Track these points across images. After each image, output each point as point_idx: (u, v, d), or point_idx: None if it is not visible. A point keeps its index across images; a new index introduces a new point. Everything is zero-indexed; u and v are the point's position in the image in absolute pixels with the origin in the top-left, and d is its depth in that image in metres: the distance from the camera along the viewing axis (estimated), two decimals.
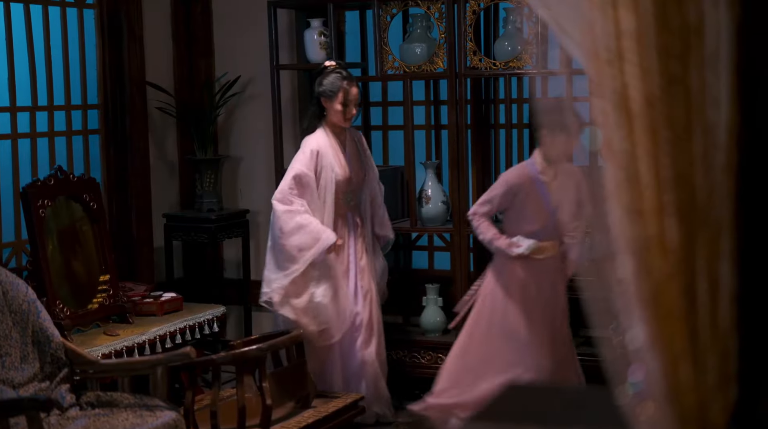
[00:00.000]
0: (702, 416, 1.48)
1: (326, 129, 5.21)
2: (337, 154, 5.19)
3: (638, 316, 1.48)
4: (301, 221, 5.00)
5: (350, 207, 5.27)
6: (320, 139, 5.16)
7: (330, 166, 5.13)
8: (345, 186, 5.19)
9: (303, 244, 5.01)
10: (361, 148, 5.35)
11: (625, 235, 1.44)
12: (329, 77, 5.12)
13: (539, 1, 1.53)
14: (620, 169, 1.41)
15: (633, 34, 1.38)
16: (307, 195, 5.08)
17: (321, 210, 5.12)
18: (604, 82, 1.38)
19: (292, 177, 5.07)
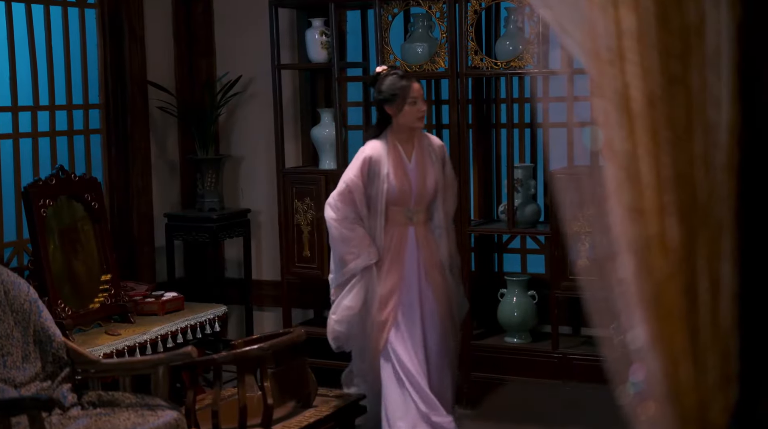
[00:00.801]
0: (702, 416, 1.48)
1: (390, 137, 4.75)
2: (397, 162, 4.74)
3: (639, 316, 1.48)
4: (346, 233, 4.71)
5: (414, 222, 4.76)
6: (377, 145, 4.75)
7: (383, 175, 4.70)
8: (403, 198, 4.73)
9: (345, 257, 4.74)
10: (435, 159, 4.81)
11: (626, 234, 1.44)
12: (386, 81, 4.72)
13: (541, 2, 1.53)
14: (621, 168, 1.41)
15: (634, 34, 1.38)
16: (356, 203, 4.72)
17: (373, 220, 4.76)
18: (606, 82, 1.38)
19: (342, 183, 4.75)
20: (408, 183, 4.73)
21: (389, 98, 4.70)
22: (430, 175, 4.76)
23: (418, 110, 4.69)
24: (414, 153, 4.78)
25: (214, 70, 6.35)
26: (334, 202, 4.73)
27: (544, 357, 5.33)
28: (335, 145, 5.81)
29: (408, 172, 4.75)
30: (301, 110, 6.22)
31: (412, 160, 4.77)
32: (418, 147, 4.79)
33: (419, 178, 4.75)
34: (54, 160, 5.43)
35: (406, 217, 4.76)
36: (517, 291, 5.46)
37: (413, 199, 4.75)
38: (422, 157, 4.78)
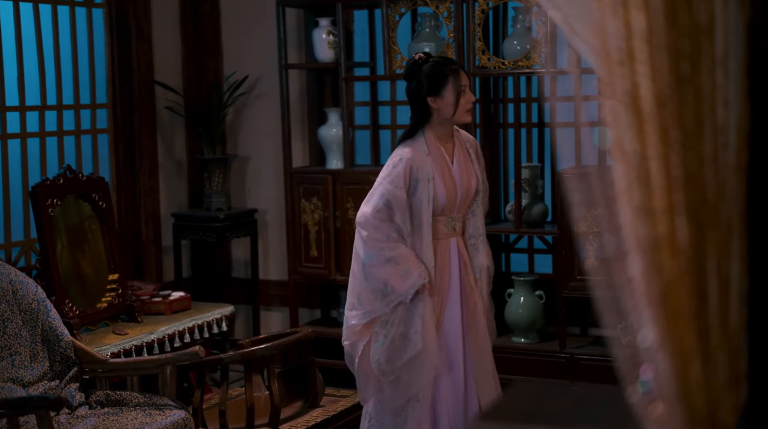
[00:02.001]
0: (712, 416, 1.48)
1: (429, 136, 4.14)
2: (441, 164, 4.13)
3: (648, 316, 1.48)
4: (390, 254, 4.05)
5: (454, 232, 4.19)
6: (416, 147, 4.10)
7: (427, 179, 4.08)
8: (449, 206, 4.14)
9: (391, 281, 4.06)
10: (473, 157, 4.27)
11: (635, 234, 1.44)
12: (427, 69, 4.10)
13: (549, 2, 1.53)
14: (631, 168, 1.41)
15: (643, 34, 1.38)
16: (398, 219, 4.07)
17: (418, 236, 4.10)
18: (615, 82, 1.38)
19: (378, 197, 4.08)
20: (454, 188, 4.14)
21: (433, 88, 4.06)
22: (473, 175, 4.22)
23: (467, 101, 4.08)
24: (455, 152, 4.19)
25: (221, 69, 6.36)
26: (370, 221, 4.05)
27: (552, 357, 5.33)
28: (342, 145, 5.81)
29: (453, 175, 4.16)
30: (308, 110, 6.22)
31: (455, 160, 4.18)
32: (458, 145, 4.22)
33: (464, 180, 4.17)
34: (61, 159, 5.44)
35: (449, 227, 4.18)
36: (524, 291, 5.46)
37: (457, 206, 4.18)
38: (464, 156, 4.22)
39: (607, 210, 1.45)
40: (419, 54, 4.18)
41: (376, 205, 4.04)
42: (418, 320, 4.04)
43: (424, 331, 4.04)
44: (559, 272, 5.32)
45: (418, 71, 4.10)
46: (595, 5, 1.38)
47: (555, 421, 1.98)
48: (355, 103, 6.16)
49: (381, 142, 6.21)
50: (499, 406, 2.10)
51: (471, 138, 4.35)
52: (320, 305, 6.26)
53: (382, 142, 6.22)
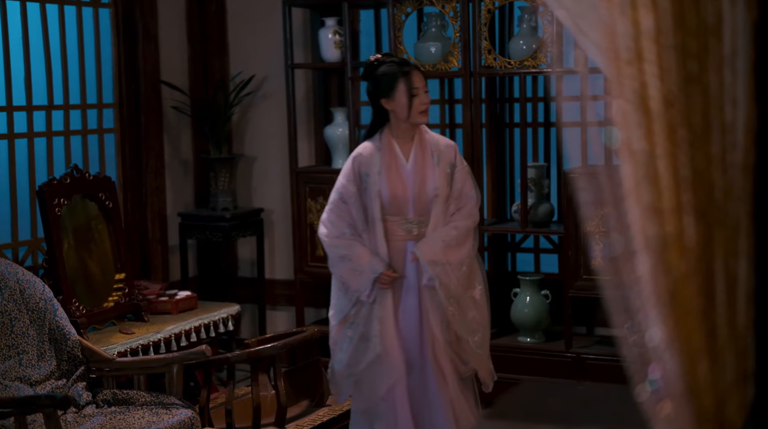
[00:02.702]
0: (719, 414, 1.48)
1: (385, 135, 4.12)
2: (391, 162, 4.08)
3: (656, 315, 1.48)
4: (344, 252, 4.09)
5: (411, 235, 4.10)
6: (368, 144, 4.14)
7: (374, 177, 4.07)
8: (398, 206, 4.08)
9: (346, 277, 4.10)
10: (439, 161, 4.12)
11: (643, 233, 1.44)
12: (382, 70, 4.08)
13: (556, 2, 1.53)
14: (639, 168, 1.42)
15: (652, 34, 1.38)
16: (352, 215, 4.10)
17: (372, 233, 4.10)
18: (624, 82, 1.39)
19: (333, 193, 4.17)
20: (403, 187, 4.07)
21: (387, 90, 4.04)
22: (431, 179, 4.08)
23: (421, 102, 4.03)
24: (413, 153, 4.11)
25: (228, 69, 6.37)
26: (327, 218, 4.15)
27: (558, 357, 5.33)
28: (348, 145, 5.81)
29: (404, 174, 4.09)
30: (314, 109, 6.23)
31: (410, 160, 4.10)
32: (418, 146, 4.12)
33: (417, 182, 4.08)
34: (68, 159, 5.45)
35: (404, 230, 4.11)
36: (530, 291, 5.46)
37: (411, 208, 4.08)
38: (423, 158, 4.10)
39: (616, 209, 1.46)
40: (376, 56, 4.18)
41: (332, 200, 4.15)
42: (375, 322, 4.04)
43: (382, 333, 4.03)
44: (565, 272, 5.32)
45: (373, 73, 4.11)
46: (604, 5, 1.38)
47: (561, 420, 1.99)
48: (361, 103, 6.16)
49: None
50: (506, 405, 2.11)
51: (447, 143, 4.21)
52: (326, 305, 6.23)
53: None
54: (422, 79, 4.07)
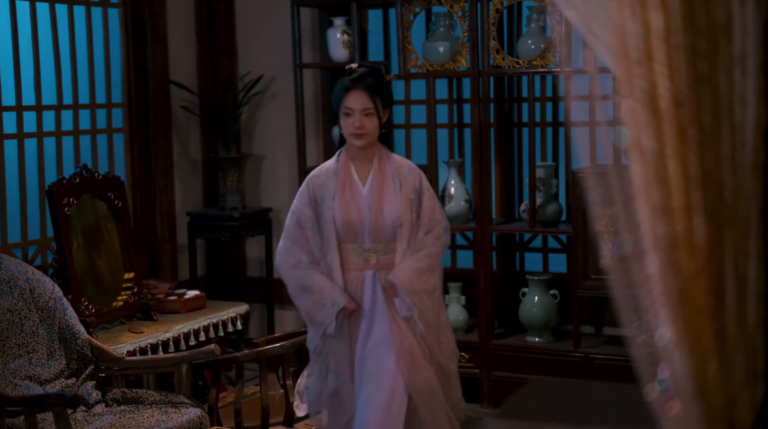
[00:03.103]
0: (729, 413, 1.48)
1: (344, 155, 3.88)
2: (345, 185, 3.81)
3: (665, 314, 1.48)
4: (305, 281, 3.82)
5: (369, 265, 3.82)
6: (326, 164, 3.91)
7: (329, 202, 3.81)
8: (352, 233, 3.80)
9: (310, 310, 3.84)
10: (401, 187, 3.82)
11: (652, 233, 1.45)
12: (336, 83, 3.90)
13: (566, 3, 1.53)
14: (648, 167, 1.42)
15: (661, 34, 1.39)
16: (309, 241, 3.84)
17: (328, 260, 3.83)
18: (634, 82, 1.39)
19: (289, 216, 3.91)
20: (358, 214, 3.78)
21: (335, 103, 3.86)
22: (391, 206, 3.79)
23: (350, 124, 3.76)
24: (371, 177, 3.83)
25: (236, 69, 6.38)
26: (283, 245, 3.88)
27: (566, 356, 5.33)
28: None
29: (360, 200, 3.80)
30: (323, 109, 6.24)
31: (367, 185, 3.82)
32: (378, 170, 3.83)
33: (374, 208, 3.79)
34: (77, 158, 5.46)
35: (361, 259, 3.82)
36: (538, 290, 5.46)
37: (367, 235, 3.80)
38: (381, 183, 3.82)
39: (625, 209, 1.46)
40: (353, 65, 3.91)
41: (288, 225, 3.88)
42: (332, 356, 3.83)
43: (338, 368, 3.82)
44: (574, 271, 5.31)
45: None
46: (614, 6, 1.38)
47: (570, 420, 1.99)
48: None
49: (395, 141, 6.22)
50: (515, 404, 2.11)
51: (410, 167, 3.90)
52: None
53: (396, 141, 6.22)
54: (363, 101, 3.75)
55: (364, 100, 3.75)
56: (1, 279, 4.02)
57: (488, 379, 5.50)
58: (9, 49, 5.15)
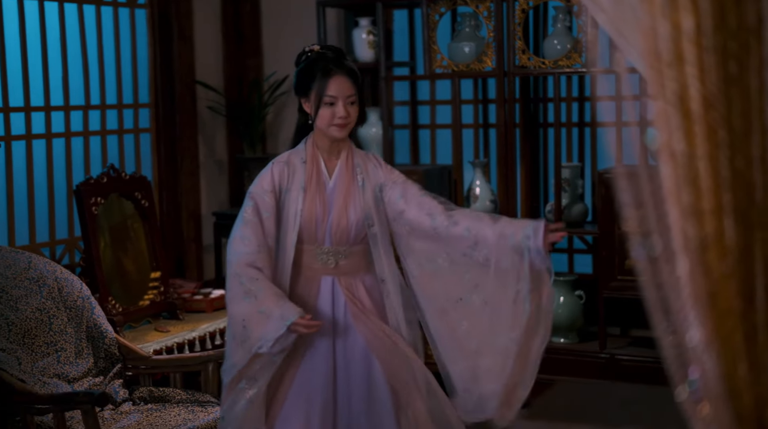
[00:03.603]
0: (759, 415, 1.48)
1: (310, 144, 3.42)
2: (311, 178, 3.38)
3: (695, 316, 1.48)
4: (248, 285, 3.24)
5: (328, 269, 3.37)
6: (296, 153, 3.43)
7: (294, 193, 3.36)
8: (312, 232, 3.35)
9: (248, 323, 3.21)
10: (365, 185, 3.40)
11: (683, 234, 1.45)
12: (305, 66, 3.39)
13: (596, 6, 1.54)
14: (679, 169, 1.42)
15: (692, 35, 1.39)
16: (265, 231, 3.33)
17: (278, 263, 3.35)
18: (665, 84, 1.39)
19: (247, 202, 3.40)
20: (323, 211, 3.35)
21: (301, 87, 3.39)
22: (356, 204, 3.37)
23: (331, 114, 3.30)
24: (337, 173, 3.41)
25: (262, 69, 6.40)
26: (240, 234, 3.33)
27: (592, 357, 5.32)
28: (382, 145, 5.83)
29: (326, 196, 3.38)
30: None
31: (333, 179, 3.40)
32: (344, 165, 3.41)
33: (338, 207, 3.36)
34: (105, 158, 5.50)
35: (320, 262, 3.37)
36: (564, 291, 5.45)
37: (328, 236, 3.35)
38: (347, 181, 3.40)
39: (656, 210, 1.46)
40: (314, 46, 3.46)
41: (245, 210, 3.36)
42: (264, 376, 3.27)
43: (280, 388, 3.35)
44: (600, 272, 5.30)
45: (298, 65, 3.44)
46: (644, 8, 1.38)
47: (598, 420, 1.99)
48: (395, 103, 6.17)
49: (420, 141, 6.23)
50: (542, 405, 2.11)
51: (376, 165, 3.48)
52: None
53: (422, 141, 6.23)
54: (347, 87, 3.31)
55: (348, 86, 3.33)
56: (30, 278, 4.06)
57: None
58: (38, 49, 5.19)
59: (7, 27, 5.00)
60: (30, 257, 4.14)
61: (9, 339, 3.88)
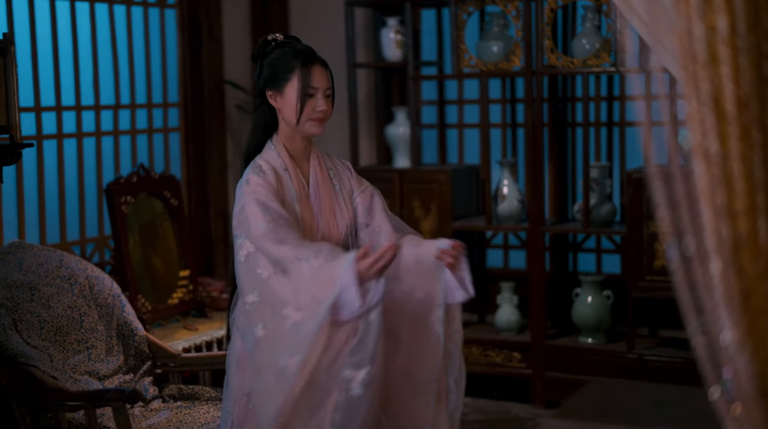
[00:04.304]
0: None
1: (279, 148, 3.10)
2: (298, 185, 3.07)
3: (728, 316, 1.48)
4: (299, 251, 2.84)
5: None
6: (269, 158, 3.08)
7: (291, 199, 3.03)
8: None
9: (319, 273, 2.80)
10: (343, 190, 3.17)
11: (716, 235, 1.45)
12: (274, 56, 3.09)
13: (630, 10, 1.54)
14: (713, 169, 1.42)
15: (726, 36, 1.39)
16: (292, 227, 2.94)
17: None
18: (699, 85, 1.39)
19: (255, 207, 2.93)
20: (312, 219, 3.06)
21: (274, 80, 3.06)
22: (340, 210, 3.12)
23: (314, 108, 3.03)
24: (313, 176, 3.12)
25: None
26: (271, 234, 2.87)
27: (620, 358, 5.30)
28: (409, 144, 5.84)
29: (312, 203, 3.09)
30: (376, 109, 6.26)
31: (311, 185, 3.10)
32: (318, 169, 3.13)
33: (325, 212, 3.09)
34: (134, 157, 5.54)
35: None
36: (591, 291, 5.44)
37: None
38: (324, 183, 3.12)
39: (689, 211, 1.46)
40: (278, 35, 3.15)
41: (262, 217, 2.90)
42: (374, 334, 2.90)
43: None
44: (628, 272, 5.28)
45: (265, 55, 3.11)
46: (680, 10, 1.39)
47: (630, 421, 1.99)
48: (423, 102, 6.18)
49: (448, 141, 6.23)
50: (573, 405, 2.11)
51: (339, 164, 3.24)
52: None
53: (449, 141, 6.24)
54: (326, 80, 3.07)
55: (327, 77, 3.08)
56: (61, 276, 4.09)
57: (540, 380, 5.49)
58: (69, 49, 5.24)
59: (39, 27, 5.05)
60: (61, 255, 4.17)
61: (41, 336, 3.92)
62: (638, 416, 2.01)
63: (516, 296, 5.70)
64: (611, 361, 5.32)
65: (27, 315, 3.90)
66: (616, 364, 5.30)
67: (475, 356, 5.66)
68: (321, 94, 3.04)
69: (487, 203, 5.62)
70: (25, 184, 4.98)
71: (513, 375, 5.60)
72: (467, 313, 6.07)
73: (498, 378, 5.67)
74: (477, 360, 5.66)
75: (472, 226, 5.76)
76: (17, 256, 4.01)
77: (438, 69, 6.17)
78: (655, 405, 2.14)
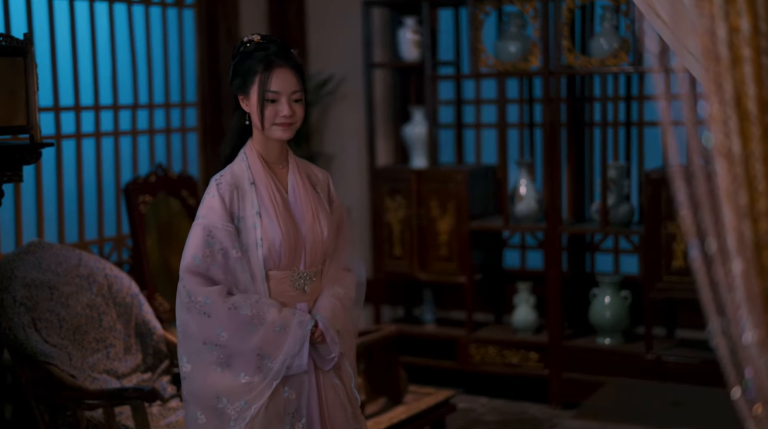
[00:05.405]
0: None
1: (250, 154, 3.02)
2: (272, 194, 2.97)
3: (749, 317, 1.48)
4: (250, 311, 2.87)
5: (304, 294, 2.99)
6: (238, 171, 3.00)
7: (251, 219, 2.93)
8: (291, 255, 2.94)
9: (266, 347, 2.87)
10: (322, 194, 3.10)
11: (738, 235, 1.44)
12: (243, 58, 2.98)
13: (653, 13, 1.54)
14: (734, 170, 1.42)
15: (749, 38, 1.39)
16: (230, 266, 2.90)
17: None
18: (722, 85, 1.39)
19: (200, 236, 2.93)
20: (294, 227, 2.96)
21: (242, 87, 2.96)
22: (324, 216, 3.03)
23: (273, 113, 2.92)
24: (291, 180, 3.04)
25: (307, 68, 6.43)
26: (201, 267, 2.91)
27: (637, 358, 5.29)
28: (426, 144, 5.84)
29: (291, 210, 2.99)
30: (393, 108, 6.27)
31: (290, 191, 3.02)
32: (296, 173, 3.05)
33: (308, 218, 2.99)
34: (152, 157, 5.56)
35: (296, 287, 2.97)
36: (609, 291, 5.42)
37: (303, 258, 2.98)
38: (304, 188, 3.04)
39: (711, 211, 1.46)
40: (255, 36, 3.01)
41: (198, 247, 2.92)
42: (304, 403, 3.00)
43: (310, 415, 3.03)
44: (646, 273, 5.27)
45: (235, 59, 3.02)
46: (703, 11, 1.39)
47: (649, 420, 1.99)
48: (440, 102, 6.18)
49: (465, 140, 6.23)
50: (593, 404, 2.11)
51: (318, 172, 3.17)
52: (403, 303, 6.31)
53: (466, 140, 6.24)
54: (291, 84, 2.93)
55: (293, 81, 2.94)
56: (80, 275, 4.11)
57: (557, 380, 5.48)
58: (88, 49, 5.26)
59: (58, 27, 5.07)
60: (80, 255, 4.19)
61: (60, 335, 3.94)
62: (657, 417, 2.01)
63: (533, 296, 5.69)
64: (629, 361, 5.31)
65: (46, 314, 3.92)
66: (634, 364, 5.28)
67: (491, 356, 5.66)
68: (285, 99, 2.93)
69: (504, 203, 5.62)
70: (44, 184, 5.00)
71: (530, 375, 5.60)
72: (483, 314, 6.07)
73: (514, 378, 5.67)
74: (493, 360, 5.66)
75: (489, 226, 5.76)
76: (36, 255, 4.03)
77: (455, 69, 6.17)
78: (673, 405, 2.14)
